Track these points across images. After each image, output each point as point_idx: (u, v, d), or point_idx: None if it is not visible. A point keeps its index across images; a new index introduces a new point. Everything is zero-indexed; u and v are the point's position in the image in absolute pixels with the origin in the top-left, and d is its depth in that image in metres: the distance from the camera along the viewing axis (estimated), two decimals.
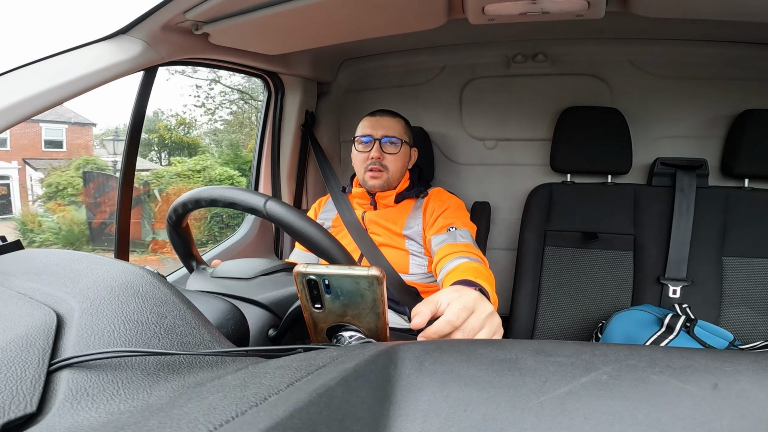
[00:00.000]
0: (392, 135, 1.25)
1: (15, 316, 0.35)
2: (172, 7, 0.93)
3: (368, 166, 1.24)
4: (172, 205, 0.73)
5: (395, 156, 1.25)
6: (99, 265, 0.44)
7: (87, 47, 0.92)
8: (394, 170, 1.25)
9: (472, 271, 0.95)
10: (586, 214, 1.44)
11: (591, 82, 1.58)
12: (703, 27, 1.35)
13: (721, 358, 0.29)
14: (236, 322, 0.57)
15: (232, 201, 0.67)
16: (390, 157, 1.25)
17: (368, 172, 1.24)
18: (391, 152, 1.25)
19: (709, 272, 1.33)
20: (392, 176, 1.26)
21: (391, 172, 1.25)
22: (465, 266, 0.99)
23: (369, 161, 1.24)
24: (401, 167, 1.27)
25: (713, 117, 1.48)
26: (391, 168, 1.25)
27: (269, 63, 1.43)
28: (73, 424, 0.27)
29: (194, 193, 0.70)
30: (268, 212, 0.65)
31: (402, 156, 1.27)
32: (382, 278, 0.43)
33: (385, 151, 1.24)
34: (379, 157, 1.23)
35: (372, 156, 1.23)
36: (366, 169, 1.25)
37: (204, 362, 0.36)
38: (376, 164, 1.23)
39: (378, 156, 1.23)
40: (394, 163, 1.25)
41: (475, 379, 0.28)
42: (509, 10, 0.99)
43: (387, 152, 1.24)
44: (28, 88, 0.79)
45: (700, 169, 1.37)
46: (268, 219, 0.65)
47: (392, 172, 1.25)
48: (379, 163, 1.23)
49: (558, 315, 1.42)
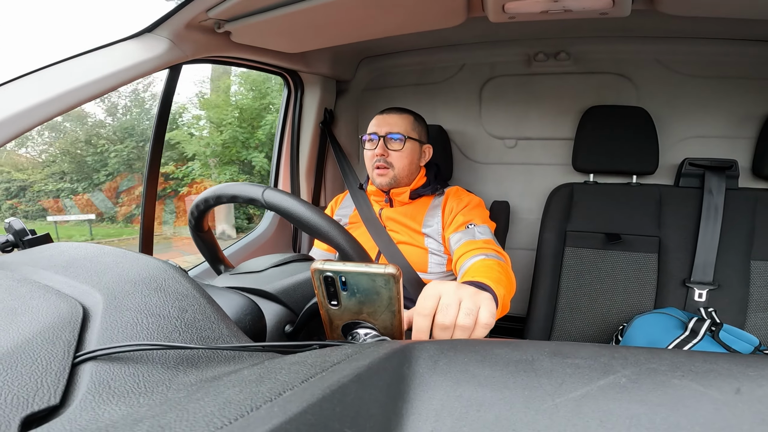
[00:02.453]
0: (396, 131, 1.23)
1: (42, 308, 0.36)
2: (196, 5, 0.95)
3: (374, 164, 1.24)
4: (188, 210, 0.75)
5: (399, 153, 1.23)
6: (124, 259, 0.45)
7: (114, 45, 0.94)
8: (399, 167, 1.24)
9: (485, 269, 0.94)
10: (608, 215, 1.42)
11: (616, 80, 1.54)
12: (733, 25, 1.31)
13: (745, 363, 0.28)
14: (254, 317, 0.58)
15: (233, 195, 0.70)
16: (394, 154, 1.23)
17: (375, 170, 1.25)
18: (395, 149, 1.23)
19: (737, 276, 1.29)
20: (399, 173, 1.24)
21: (396, 169, 1.24)
22: (477, 265, 0.97)
23: (375, 159, 1.24)
24: (408, 164, 1.25)
25: (743, 117, 1.43)
26: (397, 165, 1.24)
27: (289, 61, 1.44)
28: (94, 417, 0.27)
29: (203, 194, 0.73)
30: (266, 200, 0.67)
31: (408, 152, 1.25)
32: (399, 276, 0.43)
33: (389, 148, 1.23)
34: (383, 154, 1.23)
35: (376, 153, 1.23)
36: (373, 167, 1.25)
37: (222, 356, 0.37)
38: (381, 161, 1.23)
39: (382, 153, 1.23)
40: (400, 160, 1.24)
41: (490, 380, 0.28)
42: (530, 8, 0.97)
43: (391, 149, 1.23)
44: (59, 86, 0.82)
45: (730, 170, 1.33)
46: (268, 207, 0.67)
47: (398, 169, 1.24)
48: (384, 160, 1.23)
49: (577, 317, 1.39)
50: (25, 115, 0.76)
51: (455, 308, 0.49)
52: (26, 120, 0.77)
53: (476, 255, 1.03)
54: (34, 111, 0.78)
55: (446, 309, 0.48)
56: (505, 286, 0.91)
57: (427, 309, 0.48)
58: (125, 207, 5.51)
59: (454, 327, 0.49)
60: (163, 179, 5.38)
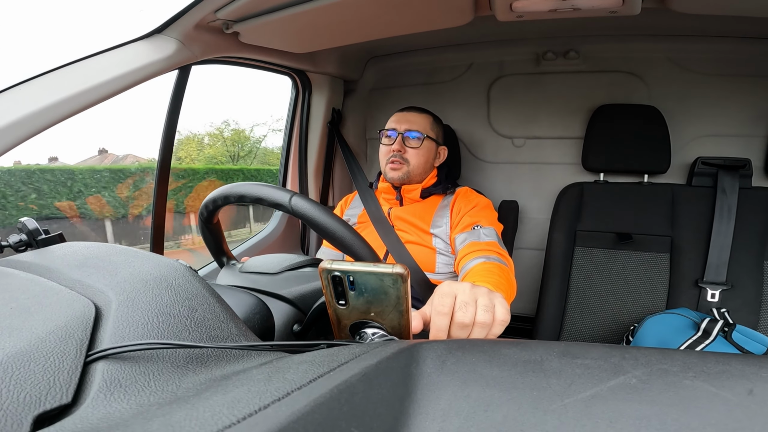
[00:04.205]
0: (415, 129, 1.25)
1: (56, 307, 0.36)
2: (204, 6, 0.96)
3: (390, 159, 1.26)
4: (203, 202, 0.75)
5: (417, 150, 1.25)
6: (136, 259, 0.46)
7: (124, 47, 0.95)
8: (415, 164, 1.26)
9: (485, 273, 0.94)
10: (619, 215, 1.40)
11: (626, 79, 1.53)
12: (745, 23, 1.29)
13: (758, 364, 0.28)
14: (262, 316, 0.58)
15: (259, 197, 0.68)
16: (411, 151, 1.25)
17: (389, 164, 1.26)
18: (413, 146, 1.25)
19: (750, 276, 1.27)
20: (413, 170, 1.26)
21: (411, 166, 1.25)
22: (477, 268, 0.98)
23: (391, 154, 1.25)
24: (423, 162, 1.27)
25: (757, 115, 1.40)
26: (412, 162, 1.25)
27: (297, 61, 1.45)
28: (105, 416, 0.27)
29: (223, 190, 0.72)
30: (293, 208, 0.66)
31: (424, 151, 1.26)
32: (407, 276, 0.42)
33: (407, 145, 1.25)
34: (399, 150, 1.25)
35: (393, 149, 1.25)
36: (388, 161, 1.26)
37: (230, 355, 0.37)
38: (397, 156, 1.25)
39: (399, 149, 1.25)
40: (416, 157, 1.25)
41: (498, 380, 0.28)
42: (538, 7, 0.97)
43: (409, 146, 1.25)
44: (70, 88, 0.83)
45: (744, 169, 1.31)
46: (293, 214, 0.66)
47: (413, 165, 1.25)
48: (400, 156, 1.25)
49: (587, 317, 1.38)
50: (37, 117, 0.77)
51: (473, 306, 0.49)
52: (39, 121, 0.78)
53: (478, 257, 1.03)
54: (46, 112, 0.79)
55: (465, 307, 0.48)
56: (504, 290, 0.91)
57: (447, 307, 0.48)
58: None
59: (472, 325, 0.48)
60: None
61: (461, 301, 0.49)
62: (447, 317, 0.48)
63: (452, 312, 0.48)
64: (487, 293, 0.51)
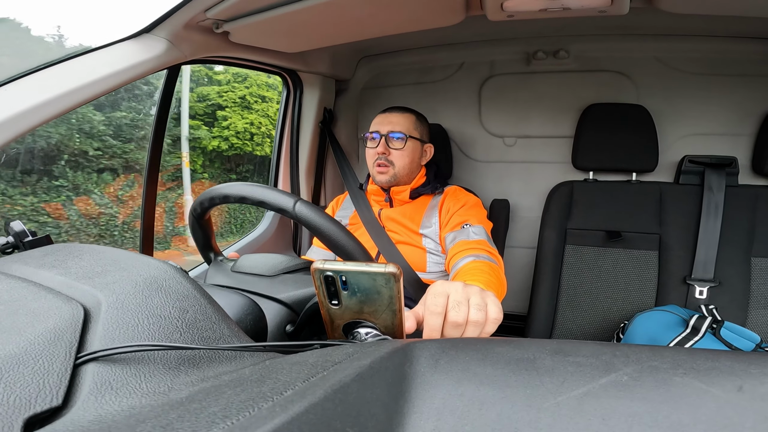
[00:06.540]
0: (398, 130, 1.25)
1: (44, 310, 0.36)
2: (194, 5, 0.95)
3: (375, 161, 1.25)
4: (198, 198, 0.74)
5: (401, 151, 1.25)
6: (125, 260, 0.45)
7: (113, 46, 0.94)
8: (400, 165, 1.25)
9: (475, 271, 0.94)
10: (609, 213, 1.42)
11: (615, 78, 1.54)
12: (732, 23, 1.31)
13: (747, 360, 0.28)
14: (255, 317, 0.58)
15: (261, 200, 0.68)
16: (396, 153, 1.25)
17: (375, 167, 1.26)
18: (397, 147, 1.25)
19: (737, 273, 1.29)
20: (399, 171, 1.25)
21: (397, 168, 1.25)
22: (467, 267, 0.98)
23: (376, 156, 1.25)
24: (408, 162, 1.26)
25: (743, 114, 1.43)
26: (398, 163, 1.25)
27: (288, 60, 1.44)
28: (96, 418, 0.27)
29: (222, 188, 0.71)
30: (296, 214, 0.66)
31: (408, 151, 1.26)
32: (399, 275, 0.43)
33: (391, 147, 1.25)
34: (384, 152, 1.24)
35: (378, 151, 1.24)
36: (374, 164, 1.26)
37: (223, 356, 0.37)
38: (382, 159, 1.24)
39: (383, 151, 1.24)
40: (401, 159, 1.25)
41: (491, 378, 0.28)
42: (529, 6, 0.97)
43: (392, 147, 1.25)
44: (58, 87, 0.81)
45: (730, 167, 1.33)
46: (296, 220, 0.66)
47: (399, 167, 1.25)
48: (385, 159, 1.24)
49: (578, 315, 1.39)
50: (23, 117, 0.76)
51: (466, 305, 0.49)
52: (25, 121, 0.76)
53: (468, 256, 1.03)
54: (33, 112, 0.77)
55: (458, 306, 0.48)
56: (495, 288, 0.91)
57: (440, 307, 0.48)
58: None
59: (466, 324, 0.49)
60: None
61: (454, 301, 0.49)
62: (440, 317, 0.48)
63: (445, 311, 0.48)
64: (479, 292, 0.51)
